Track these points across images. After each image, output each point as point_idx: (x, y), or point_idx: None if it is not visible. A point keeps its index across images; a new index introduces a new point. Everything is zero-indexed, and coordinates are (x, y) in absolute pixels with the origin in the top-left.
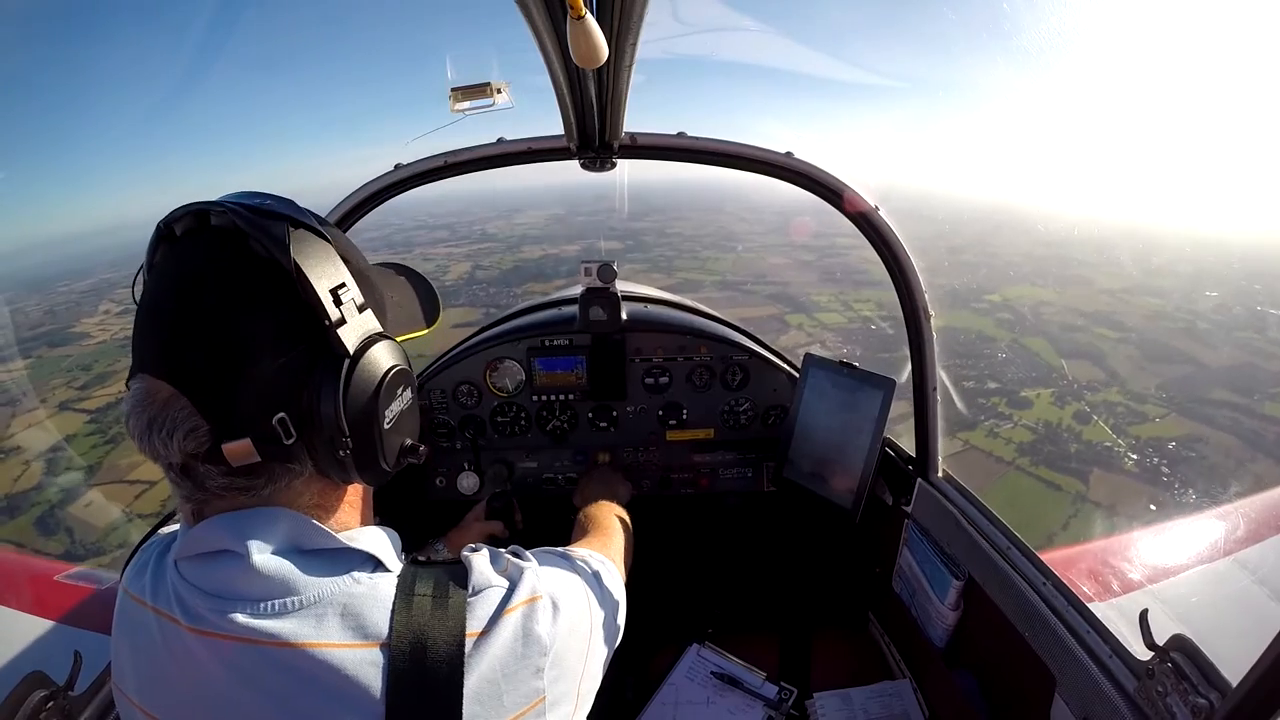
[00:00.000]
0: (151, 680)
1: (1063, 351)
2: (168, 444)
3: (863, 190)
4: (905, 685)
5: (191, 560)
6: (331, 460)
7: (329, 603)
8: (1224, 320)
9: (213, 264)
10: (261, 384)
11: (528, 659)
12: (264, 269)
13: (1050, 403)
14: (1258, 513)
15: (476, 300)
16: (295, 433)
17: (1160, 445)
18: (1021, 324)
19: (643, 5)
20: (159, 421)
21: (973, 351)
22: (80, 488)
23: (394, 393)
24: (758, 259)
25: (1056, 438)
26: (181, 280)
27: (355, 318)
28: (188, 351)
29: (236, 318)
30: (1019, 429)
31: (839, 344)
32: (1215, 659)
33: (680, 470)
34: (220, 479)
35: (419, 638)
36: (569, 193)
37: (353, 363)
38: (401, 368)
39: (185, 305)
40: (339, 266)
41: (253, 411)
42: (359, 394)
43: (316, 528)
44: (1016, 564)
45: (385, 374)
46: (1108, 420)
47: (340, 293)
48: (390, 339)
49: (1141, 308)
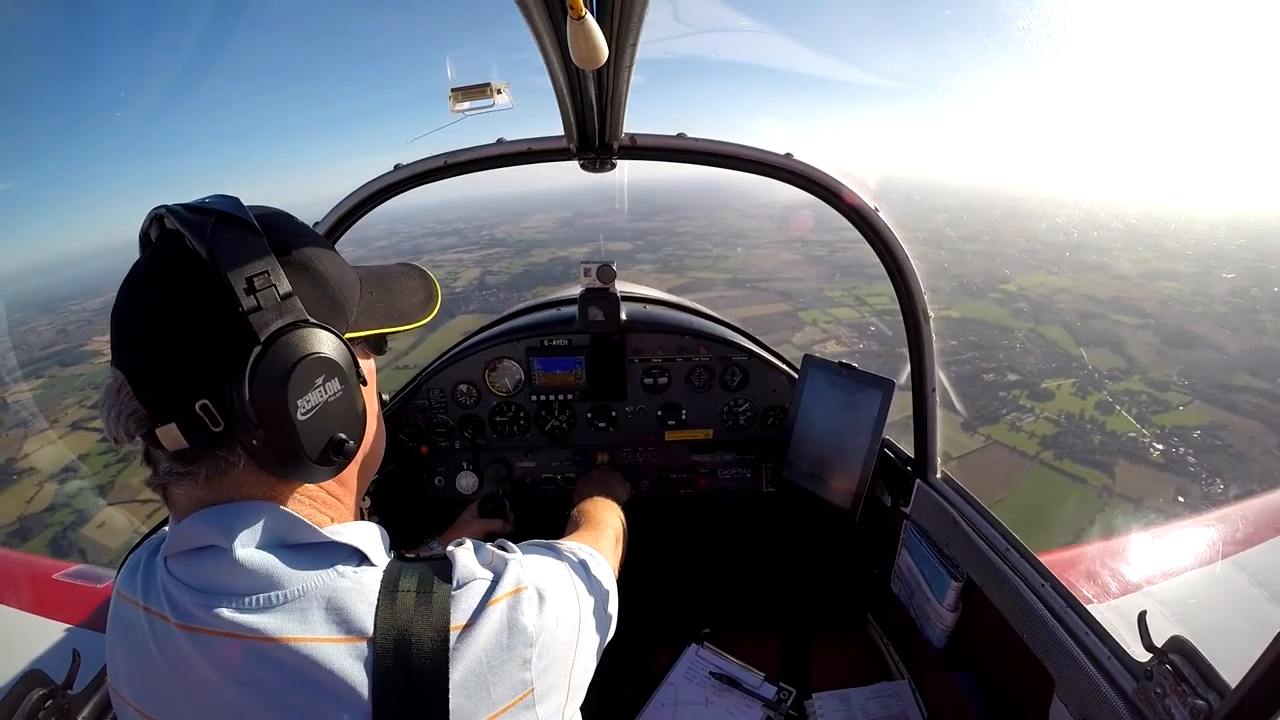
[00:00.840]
0: (144, 679)
1: (1081, 340)
2: (117, 426)
3: (862, 191)
4: (904, 686)
5: (180, 557)
6: (256, 451)
7: (313, 596)
8: (1242, 303)
9: (154, 260)
10: (183, 371)
11: (514, 650)
12: (193, 263)
13: (1072, 393)
14: (1256, 515)
15: (487, 306)
16: (222, 421)
17: (1185, 434)
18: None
19: (643, 5)
20: (114, 408)
21: (991, 343)
22: (93, 508)
23: (310, 382)
24: (769, 256)
25: (1080, 430)
26: (131, 278)
27: (273, 306)
28: (127, 341)
29: (164, 308)
30: (1041, 421)
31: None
32: (1214, 661)
33: (679, 470)
34: (165, 463)
35: (403, 633)
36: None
37: (262, 350)
38: (322, 355)
39: (129, 300)
40: (263, 257)
41: (176, 398)
42: (266, 382)
43: (300, 522)
44: (1015, 565)
45: (296, 362)
46: (1130, 410)
47: (256, 280)
48: (329, 331)
49: (1157, 292)
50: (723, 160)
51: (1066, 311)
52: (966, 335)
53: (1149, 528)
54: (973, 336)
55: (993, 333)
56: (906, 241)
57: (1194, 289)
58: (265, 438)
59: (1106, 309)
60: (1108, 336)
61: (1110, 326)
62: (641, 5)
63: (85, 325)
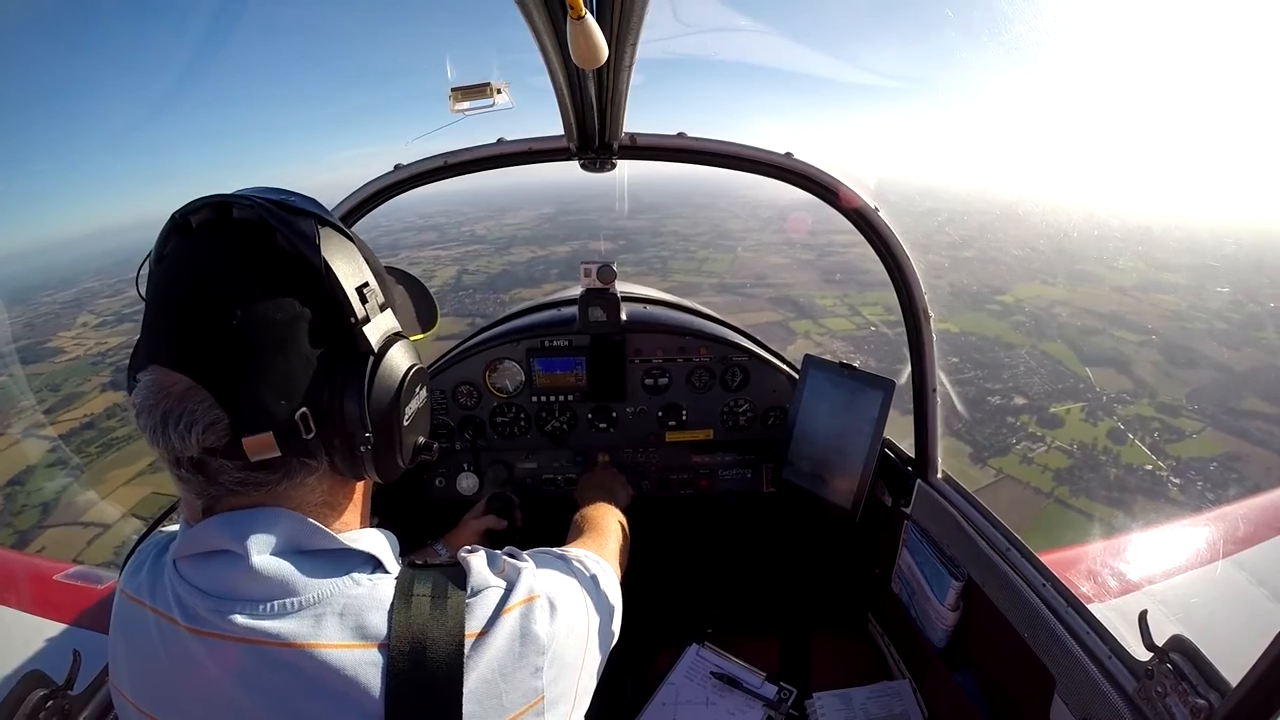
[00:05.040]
0: (148, 679)
1: (1086, 358)
2: (185, 438)
3: (861, 191)
4: (905, 685)
5: (190, 560)
6: (348, 457)
7: (328, 603)
8: (1241, 319)
9: (239, 255)
10: (285, 378)
11: (526, 659)
12: (290, 263)
13: (1081, 419)
14: (1256, 514)
15: (463, 309)
16: (315, 428)
17: (1202, 466)
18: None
19: (643, 5)
20: (175, 414)
21: (994, 361)
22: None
23: (414, 391)
24: (756, 258)
25: (1094, 462)
26: (202, 271)
27: (378, 317)
28: (209, 342)
29: (261, 310)
30: (1053, 452)
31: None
32: (1214, 660)
33: (680, 471)
34: (235, 474)
35: (418, 638)
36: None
37: (376, 360)
38: (420, 366)
39: (206, 295)
40: (363, 265)
41: (275, 405)
42: (382, 391)
43: (316, 528)
44: (1016, 565)
45: (407, 372)
46: (1144, 439)
47: (365, 291)
48: (406, 339)
49: (1156, 305)
50: (723, 160)
51: (1067, 326)
52: (969, 352)
53: (1149, 527)
54: (975, 354)
55: (995, 349)
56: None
57: (1191, 303)
58: (369, 443)
59: (1107, 324)
60: (1112, 355)
61: (1113, 343)
62: (641, 5)
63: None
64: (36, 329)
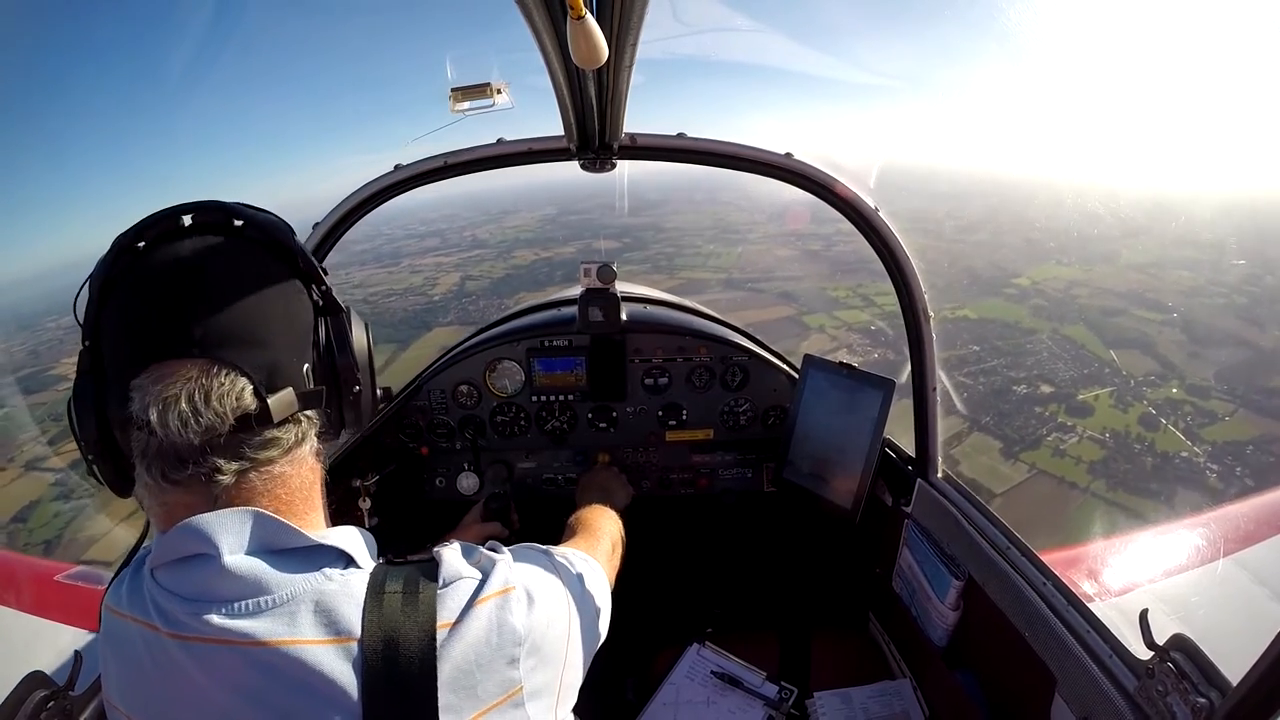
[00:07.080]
0: (136, 688)
1: (1109, 341)
2: (220, 410)
3: (862, 190)
4: (905, 685)
5: (166, 567)
6: (340, 405)
7: (301, 600)
8: (1260, 293)
9: (242, 250)
10: (288, 338)
11: (502, 649)
12: (265, 244)
13: (1111, 405)
14: (1257, 513)
15: (467, 316)
16: (311, 380)
17: (1238, 450)
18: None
19: (643, 5)
20: (205, 392)
21: (1016, 348)
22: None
23: (372, 343)
24: (764, 252)
25: (1128, 451)
26: (198, 263)
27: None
28: (224, 321)
29: (268, 290)
30: (1085, 443)
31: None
32: (1215, 659)
33: (680, 470)
34: (257, 438)
35: (390, 634)
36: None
37: (346, 315)
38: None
39: (222, 286)
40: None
41: (288, 363)
42: (359, 340)
43: (287, 526)
44: (1016, 564)
45: (366, 324)
46: (1177, 424)
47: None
48: None
49: (1174, 283)
50: (723, 160)
51: (1087, 308)
52: (990, 339)
53: (1150, 526)
54: (997, 341)
55: (1016, 335)
56: (906, 233)
57: (1209, 278)
58: (355, 388)
59: (1128, 304)
60: (1135, 336)
61: (1134, 324)
62: (641, 5)
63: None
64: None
